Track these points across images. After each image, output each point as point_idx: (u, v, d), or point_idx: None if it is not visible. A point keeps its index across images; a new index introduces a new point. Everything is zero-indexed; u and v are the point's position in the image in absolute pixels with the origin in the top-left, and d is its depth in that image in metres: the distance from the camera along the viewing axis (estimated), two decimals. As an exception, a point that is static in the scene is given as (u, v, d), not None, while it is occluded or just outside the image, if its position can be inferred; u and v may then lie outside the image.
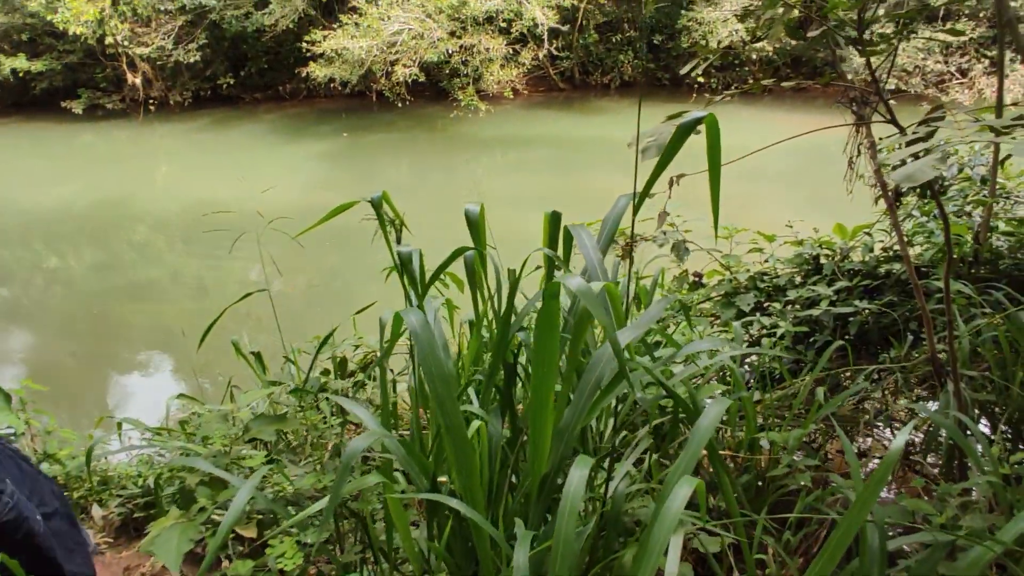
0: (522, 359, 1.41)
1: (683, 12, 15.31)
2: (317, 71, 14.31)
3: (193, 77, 17.52)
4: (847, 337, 2.57)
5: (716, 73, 15.92)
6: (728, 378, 2.26)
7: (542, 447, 1.03)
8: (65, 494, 1.77)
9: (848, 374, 2.58)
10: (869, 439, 2.55)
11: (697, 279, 3.46)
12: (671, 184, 1.56)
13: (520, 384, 1.47)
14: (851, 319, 2.56)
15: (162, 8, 15.76)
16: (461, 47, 14.24)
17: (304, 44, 14.44)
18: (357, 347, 2.47)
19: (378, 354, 2.54)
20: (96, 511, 2.60)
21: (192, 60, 16.31)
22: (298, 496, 1.47)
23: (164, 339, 6.06)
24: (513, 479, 1.32)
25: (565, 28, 14.88)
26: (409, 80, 14.07)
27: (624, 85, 17.39)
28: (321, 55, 14.13)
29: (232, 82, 17.65)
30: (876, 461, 2.42)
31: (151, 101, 17.34)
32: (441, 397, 0.99)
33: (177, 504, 1.42)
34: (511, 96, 15.79)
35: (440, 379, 1.00)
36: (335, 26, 14.36)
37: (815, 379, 2.21)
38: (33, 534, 1.38)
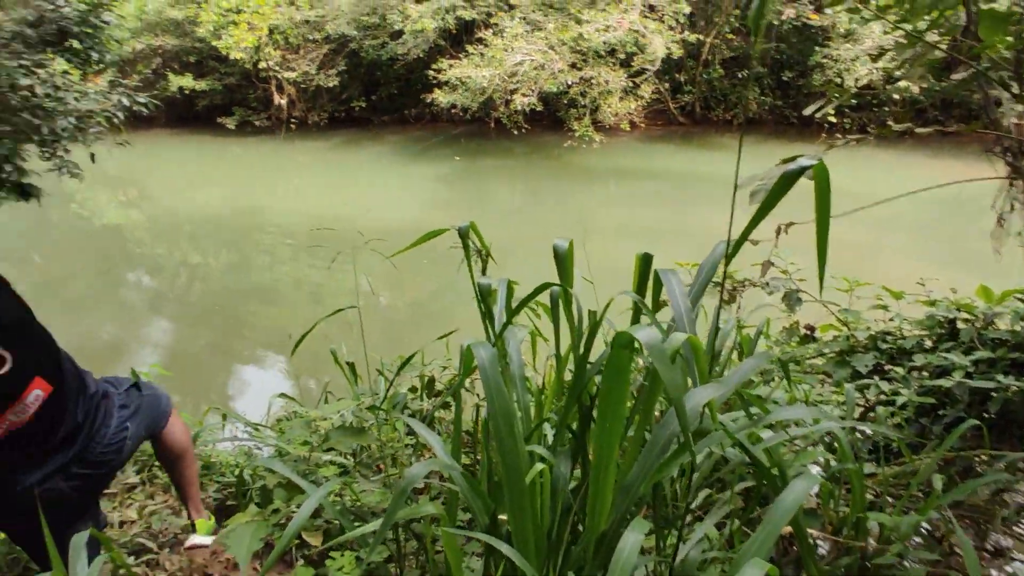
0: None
1: (817, 48, 14.61)
2: (441, 97, 15.00)
3: (331, 100, 18.98)
4: (985, 415, 2.25)
5: (851, 113, 15.00)
6: (835, 444, 2.04)
7: (602, 502, 0.96)
8: None
9: (983, 458, 2.26)
10: (1009, 539, 2.20)
11: (809, 332, 3.21)
12: (778, 233, 1.45)
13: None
14: (992, 395, 2.24)
15: (310, 38, 17.25)
16: (580, 79, 14.40)
17: (431, 72, 15.21)
18: (445, 368, 2.50)
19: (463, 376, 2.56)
20: (196, 494, 2.79)
21: (331, 84, 17.69)
22: (365, 511, 1.48)
23: (277, 340, 6.49)
24: (580, 528, 1.25)
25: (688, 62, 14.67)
26: (527, 109, 14.40)
27: (748, 122, 16.79)
28: (446, 83, 14.81)
29: (364, 105, 18.94)
30: (1017, 564, 2.08)
31: (292, 120, 18.95)
32: (502, 435, 0.95)
33: (257, 502, 1.48)
34: (628, 129, 15.71)
35: (503, 416, 0.96)
36: (461, 56, 15.04)
37: (941, 459, 1.95)
38: None
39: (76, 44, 4.87)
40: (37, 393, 1.41)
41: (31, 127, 4.40)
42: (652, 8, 14.19)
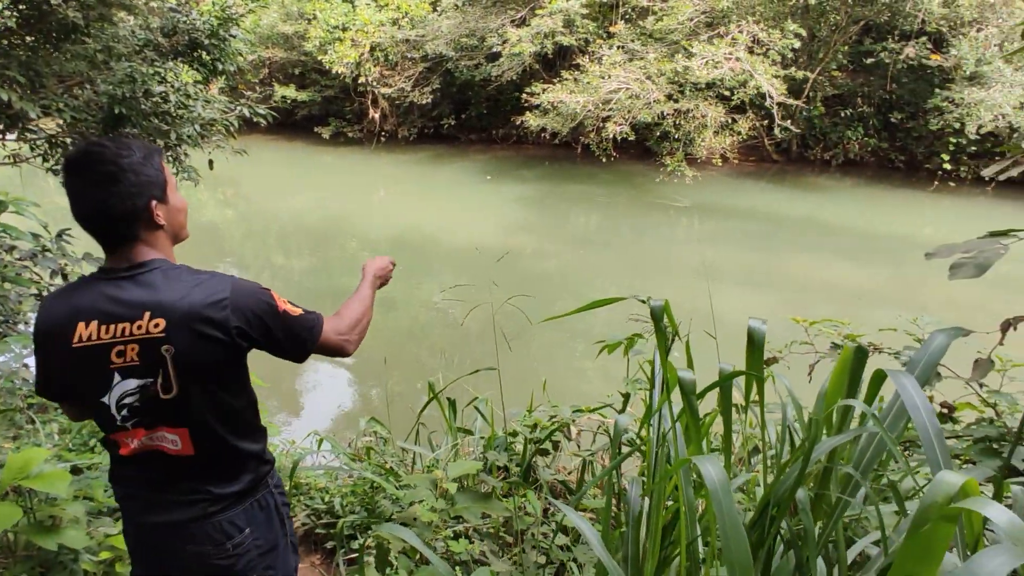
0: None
1: (937, 91, 13.73)
2: (532, 120, 15.07)
3: (421, 116, 19.49)
4: None
5: (967, 160, 14.04)
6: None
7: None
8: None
9: None
10: None
11: (947, 412, 2.89)
12: (1005, 330, 1.24)
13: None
14: None
15: (409, 56, 17.79)
16: (676, 110, 14.11)
17: (523, 95, 15.32)
18: (553, 417, 2.36)
19: (571, 424, 2.42)
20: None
21: (424, 101, 18.15)
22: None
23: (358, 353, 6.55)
24: None
25: (797, 102, 14.08)
26: (618, 137, 14.24)
27: (847, 163, 16.03)
28: (538, 106, 14.88)
29: (453, 123, 19.33)
30: None
31: (383, 133, 19.56)
32: None
33: (376, 565, 1.38)
34: (719, 163, 15.25)
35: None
36: (555, 80, 15.08)
37: None
38: None
39: (204, 55, 5.10)
40: None
41: (160, 132, 4.63)
42: (757, 42, 13.79)
